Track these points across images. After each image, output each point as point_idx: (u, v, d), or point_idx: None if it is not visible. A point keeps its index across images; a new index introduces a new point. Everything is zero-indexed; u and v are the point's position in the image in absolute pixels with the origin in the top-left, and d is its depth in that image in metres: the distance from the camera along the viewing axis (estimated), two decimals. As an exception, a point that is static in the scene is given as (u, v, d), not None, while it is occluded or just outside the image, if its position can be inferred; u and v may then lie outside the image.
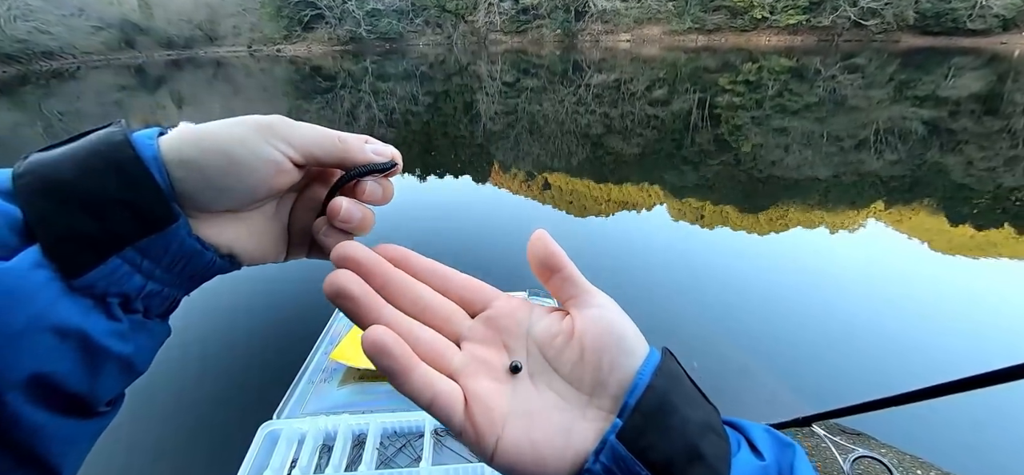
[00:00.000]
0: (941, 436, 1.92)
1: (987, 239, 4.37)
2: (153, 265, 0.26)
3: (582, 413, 0.26)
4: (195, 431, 2.08)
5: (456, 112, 12.11)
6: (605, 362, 0.25)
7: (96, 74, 26.12)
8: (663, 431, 0.23)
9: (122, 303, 0.25)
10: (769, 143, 7.98)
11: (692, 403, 0.25)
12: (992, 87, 12.97)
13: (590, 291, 0.28)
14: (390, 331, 0.25)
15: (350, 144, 0.30)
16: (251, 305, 3.00)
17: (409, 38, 41.10)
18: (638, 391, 0.24)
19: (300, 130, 0.28)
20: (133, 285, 0.25)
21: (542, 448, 0.25)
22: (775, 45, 30.62)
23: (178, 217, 0.25)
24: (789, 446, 0.27)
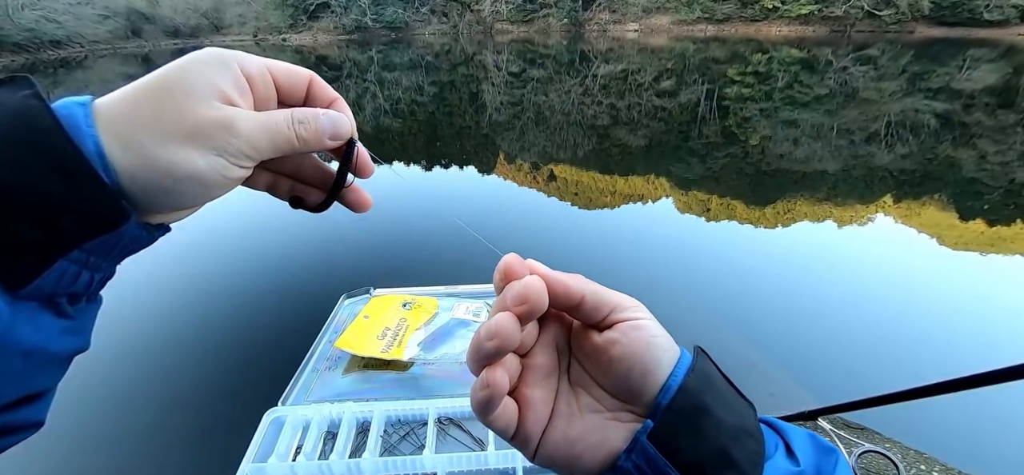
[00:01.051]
0: (946, 431, 1.90)
1: (998, 234, 4.31)
2: (100, 259, 0.25)
3: (616, 415, 0.27)
4: (201, 418, 2.12)
5: (462, 102, 12.06)
6: (636, 372, 0.26)
7: (103, 63, 26.26)
8: (694, 433, 0.24)
9: (70, 299, 0.25)
10: (778, 136, 7.88)
11: (726, 404, 0.26)
12: (1008, 80, 12.69)
13: (619, 305, 0.27)
14: (501, 382, 0.25)
15: (308, 142, 0.29)
16: (256, 293, 3.02)
17: (415, 27, 40.86)
18: (670, 393, 0.25)
19: (255, 138, 0.27)
20: (81, 283, 0.25)
21: (577, 445, 0.27)
22: (786, 35, 30.10)
23: (129, 217, 0.24)
24: (830, 452, 0.26)
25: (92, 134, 0.23)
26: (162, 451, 1.95)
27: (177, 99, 0.25)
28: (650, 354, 0.26)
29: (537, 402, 0.27)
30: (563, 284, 0.27)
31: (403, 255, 3.54)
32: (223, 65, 0.26)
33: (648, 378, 0.25)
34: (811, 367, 2.45)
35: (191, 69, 0.25)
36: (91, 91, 1.02)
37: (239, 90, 0.27)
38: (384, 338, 1.16)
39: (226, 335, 2.68)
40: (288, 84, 0.30)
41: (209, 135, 0.25)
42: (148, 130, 0.24)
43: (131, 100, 0.24)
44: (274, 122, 0.28)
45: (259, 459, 0.86)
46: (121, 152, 0.23)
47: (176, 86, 0.25)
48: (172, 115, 0.24)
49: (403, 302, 1.30)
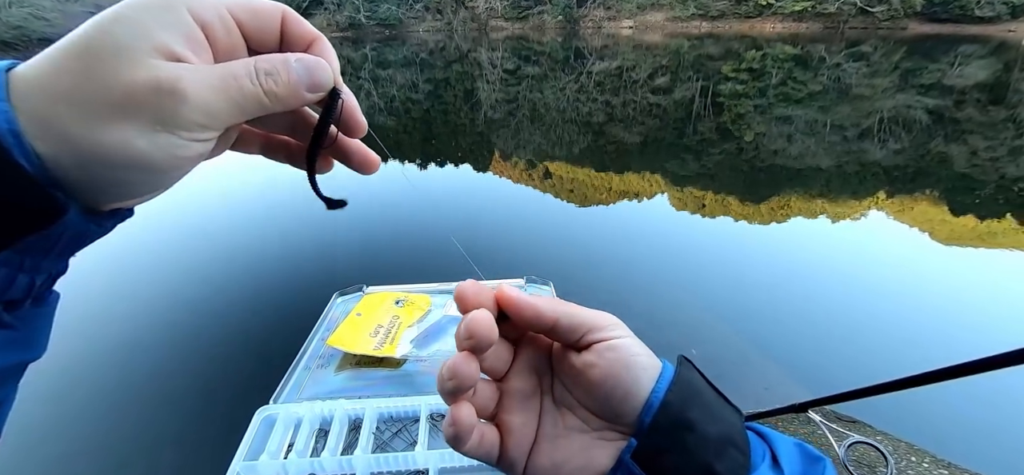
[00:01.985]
0: (935, 423, 1.93)
1: (989, 229, 4.35)
2: (37, 260, 0.21)
3: (602, 435, 0.26)
4: (192, 416, 2.10)
5: (456, 100, 12.02)
6: (617, 394, 0.25)
7: (94, 60, 25.90)
8: (678, 450, 0.24)
9: (7, 306, 0.21)
10: (772, 132, 7.92)
11: (710, 416, 0.25)
12: (999, 76, 12.81)
13: (595, 325, 0.26)
14: (466, 419, 0.25)
15: (282, 97, 0.22)
16: (248, 291, 3.01)
17: (409, 24, 40.64)
18: (652, 410, 0.25)
19: (211, 105, 0.20)
20: (18, 287, 0.20)
21: (564, 468, 0.26)
22: (780, 32, 30.21)
23: (66, 209, 0.19)
24: (818, 460, 0.26)
25: (4, 109, 0.18)
26: (152, 450, 1.94)
27: (103, 60, 0.19)
28: (629, 374, 0.25)
29: (517, 427, 0.27)
30: (533, 309, 0.26)
31: (396, 252, 3.52)
32: (166, 9, 0.20)
33: (629, 398, 0.25)
34: (804, 360, 2.47)
35: (123, 17, 0.19)
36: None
37: (189, 40, 0.20)
38: (377, 335, 1.15)
39: (217, 332, 2.66)
40: (255, 26, 0.23)
41: (145, 104, 0.19)
42: (68, 104, 0.18)
43: (52, 65, 0.19)
44: (233, 77, 0.21)
45: (250, 457, 0.86)
46: (42, 133, 0.18)
47: (103, 42, 0.19)
48: (96, 83, 0.18)
49: (396, 299, 1.29)
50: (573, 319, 0.26)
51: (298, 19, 0.25)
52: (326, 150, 0.27)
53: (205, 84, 0.20)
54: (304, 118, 0.28)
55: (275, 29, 0.24)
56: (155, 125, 0.19)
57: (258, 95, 0.22)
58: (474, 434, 0.25)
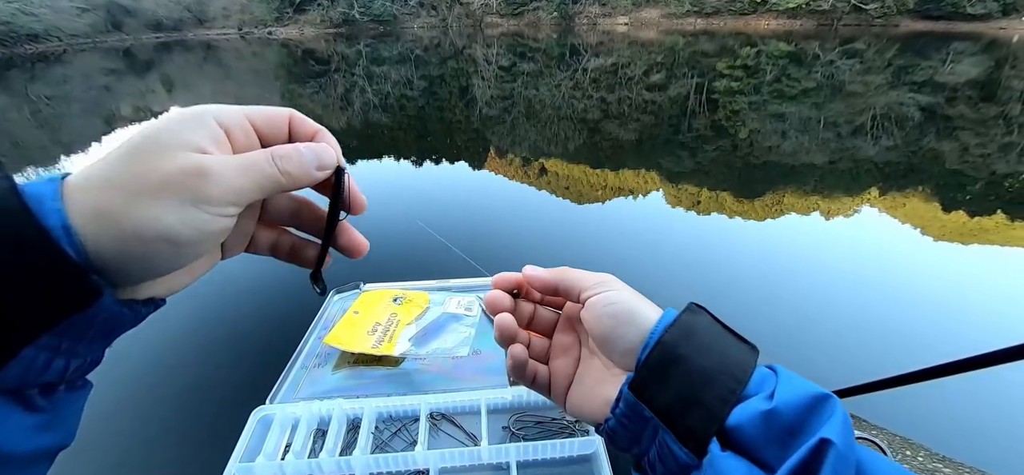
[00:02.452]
0: (930, 417, 1.95)
1: (980, 225, 4.40)
2: (74, 343, 0.23)
3: (612, 373, 0.33)
4: (187, 417, 2.08)
5: (451, 96, 11.97)
6: (614, 338, 0.32)
7: (83, 57, 25.56)
8: (664, 381, 0.28)
9: (42, 390, 0.23)
10: (766, 129, 7.95)
11: (704, 351, 0.28)
12: (990, 73, 12.94)
13: (584, 285, 0.34)
14: (520, 350, 0.36)
15: (294, 175, 0.27)
16: (243, 290, 2.98)
17: (403, 20, 40.42)
18: (648, 348, 0.29)
19: (234, 183, 0.24)
20: (54, 371, 0.22)
21: (588, 399, 0.34)
22: (774, 29, 30.33)
23: (102, 292, 0.22)
24: (824, 398, 0.26)
25: (57, 208, 0.21)
26: (145, 452, 1.92)
27: (146, 156, 0.23)
28: (614, 321, 0.32)
29: (559, 370, 0.37)
30: (540, 278, 0.36)
31: (394, 249, 3.51)
32: (196, 119, 0.25)
33: (617, 340, 0.32)
34: (799, 355, 2.49)
35: (162, 127, 0.24)
36: (71, 87, 0.98)
37: (215, 141, 0.25)
38: (375, 333, 1.14)
39: (212, 331, 2.63)
40: (268, 127, 0.28)
41: (179, 185, 0.23)
42: (115, 193, 0.22)
43: (101, 168, 0.23)
44: (253, 161, 0.25)
45: (246, 459, 0.85)
46: (89, 223, 0.21)
47: (145, 144, 0.23)
48: (139, 172, 0.22)
49: (394, 297, 1.28)
50: (569, 281, 0.35)
51: (302, 118, 0.30)
52: (330, 227, 0.32)
53: (229, 166, 0.24)
54: (308, 208, 0.34)
55: (284, 128, 0.29)
56: (185, 203, 0.23)
57: (275, 174, 0.26)
58: (529, 368, 0.36)
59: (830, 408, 0.25)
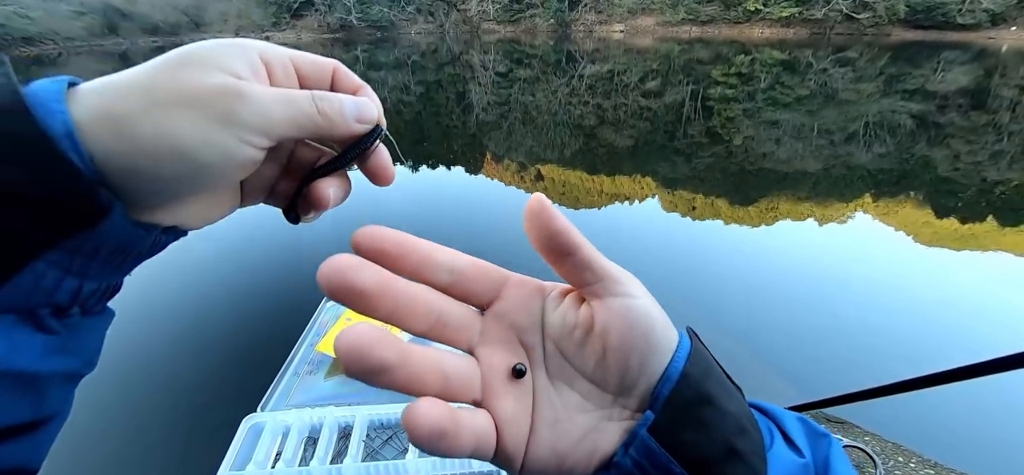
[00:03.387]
0: (922, 424, 1.96)
1: (971, 232, 4.45)
2: (86, 263, 0.21)
3: (608, 414, 0.23)
4: (178, 424, 2.06)
5: (448, 102, 12.00)
6: (634, 362, 0.22)
7: (78, 60, 25.45)
8: (699, 426, 0.21)
9: (54, 311, 0.21)
10: (760, 136, 8.02)
11: (727, 392, 0.23)
12: (980, 81, 13.14)
13: (613, 276, 0.24)
14: (437, 410, 0.20)
15: (333, 119, 0.25)
16: (236, 295, 2.96)
17: (401, 26, 40.56)
18: (671, 382, 0.22)
19: (271, 109, 0.22)
20: (65, 291, 0.21)
21: (568, 459, 0.22)
22: (768, 37, 30.68)
23: (111, 208, 0.20)
24: (823, 437, 0.25)
25: (61, 109, 0.19)
26: (133, 459, 1.90)
27: (178, 68, 0.21)
28: (650, 338, 0.22)
29: (509, 413, 0.22)
30: (563, 223, 0.23)
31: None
32: (239, 46, 0.23)
33: (647, 365, 0.22)
34: (792, 361, 2.50)
35: (201, 47, 0.22)
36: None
37: (254, 71, 0.23)
38: (367, 341, 1.14)
39: (203, 337, 2.61)
40: (312, 72, 0.27)
41: (210, 102, 0.21)
42: (136, 99, 0.20)
43: (125, 75, 0.21)
44: (293, 96, 0.24)
45: (237, 467, 0.84)
46: (99, 128, 0.19)
47: (179, 57, 0.22)
48: (167, 82, 0.21)
49: (387, 304, 1.28)
50: (592, 257, 0.23)
51: (348, 72, 0.28)
52: (343, 159, 0.28)
53: (268, 94, 0.23)
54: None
55: (327, 78, 0.27)
56: (212, 120, 0.21)
57: (313, 113, 0.24)
58: (466, 428, 0.20)
59: (837, 450, 0.24)
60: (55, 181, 0.18)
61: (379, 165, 0.28)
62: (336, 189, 0.28)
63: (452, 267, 0.25)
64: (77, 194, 0.19)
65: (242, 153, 0.22)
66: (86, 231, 0.20)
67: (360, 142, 0.27)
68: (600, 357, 0.23)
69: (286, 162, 0.30)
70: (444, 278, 0.24)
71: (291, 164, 0.30)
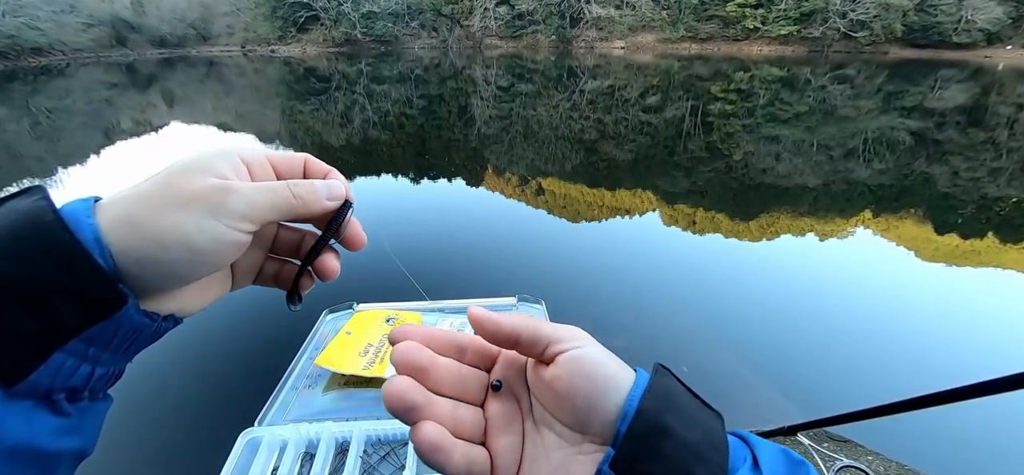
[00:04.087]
0: (926, 443, 1.94)
1: (971, 248, 4.45)
2: (100, 350, 0.25)
3: (579, 449, 0.26)
4: (174, 438, 2.04)
5: (450, 115, 12.11)
6: (580, 403, 0.26)
7: (86, 71, 25.77)
8: (655, 457, 0.24)
9: (69, 395, 0.24)
10: (760, 151, 8.07)
11: (687, 421, 0.25)
12: (977, 99, 13.26)
13: (560, 337, 0.28)
14: (436, 430, 0.26)
15: (306, 201, 0.29)
16: (235, 308, 2.95)
17: (404, 41, 41.12)
18: (627, 418, 0.24)
19: (253, 198, 0.27)
20: (80, 376, 0.24)
21: None
22: (766, 55, 31.05)
23: (127, 300, 0.24)
24: (800, 465, 0.26)
25: (90, 223, 0.23)
26: (130, 473, 1.87)
27: (176, 177, 0.26)
28: (593, 384, 0.26)
29: (503, 450, 0.27)
30: (494, 323, 0.28)
31: (387, 269, 3.50)
32: (222, 153, 0.28)
33: (595, 408, 0.26)
34: (792, 379, 2.48)
35: (193, 158, 0.27)
36: (72, 100, 0.99)
37: (236, 172, 0.28)
38: (366, 355, 1.14)
39: (201, 349, 2.60)
40: (284, 166, 0.31)
41: (203, 199, 0.25)
42: (146, 204, 0.25)
43: (135, 187, 0.26)
44: (271, 186, 0.28)
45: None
46: (117, 229, 0.24)
47: (177, 168, 0.26)
48: (168, 189, 0.25)
49: (387, 317, 1.28)
50: (535, 332, 0.28)
51: (317, 161, 0.33)
52: (321, 243, 0.33)
53: (250, 187, 0.27)
54: (313, 240, 0.35)
55: (299, 167, 0.32)
56: (205, 214, 0.25)
57: (289, 197, 0.29)
58: (460, 453, 0.26)
59: (805, 472, 0.26)
60: (83, 278, 0.22)
61: (351, 233, 0.33)
62: (335, 259, 0.34)
63: (460, 345, 0.31)
64: (100, 288, 0.23)
65: (231, 237, 0.26)
66: (104, 321, 0.23)
67: (336, 217, 0.32)
68: (557, 402, 0.27)
69: (271, 246, 0.35)
70: (454, 353, 0.30)
71: (275, 247, 0.35)
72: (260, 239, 0.34)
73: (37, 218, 0.22)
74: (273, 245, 0.35)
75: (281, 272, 0.35)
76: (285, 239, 0.35)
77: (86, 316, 0.23)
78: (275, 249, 0.35)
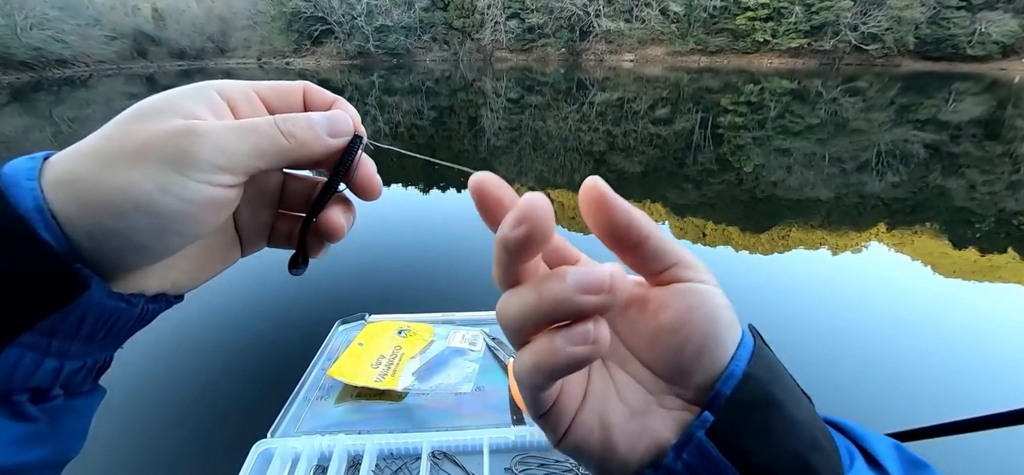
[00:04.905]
0: (954, 467, 1.87)
1: (991, 263, 4.34)
2: (66, 342, 0.20)
3: (660, 400, 0.21)
4: (187, 449, 2.05)
5: (461, 127, 12.23)
6: (691, 347, 0.20)
7: (108, 82, 26.57)
8: (764, 433, 0.19)
9: (34, 396, 0.20)
10: (771, 163, 8.01)
11: (797, 400, 0.21)
12: (993, 112, 13.04)
13: (684, 261, 0.21)
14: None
15: (301, 139, 0.23)
16: (248, 317, 2.98)
17: (416, 54, 41.82)
18: (733, 380, 0.20)
19: (226, 142, 0.21)
20: (44, 373, 0.20)
21: (614, 432, 0.21)
22: (777, 67, 30.96)
23: (89, 283, 0.19)
24: (921, 466, 0.22)
25: (31, 186, 0.18)
26: (144, 481, 1.89)
27: (129, 123, 0.20)
28: (711, 327, 0.20)
29: (568, 386, 0.22)
30: (627, 210, 0.20)
31: (400, 280, 3.51)
32: (197, 90, 0.22)
33: (705, 356, 0.20)
34: (813, 395, 2.42)
35: (159, 97, 0.21)
36: (93, 110, 1.01)
37: (213, 109, 0.22)
38: (378, 366, 1.14)
39: (214, 360, 2.62)
40: (277, 100, 0.25)
41: (160, 147, 0.19)
42: (89, 160, 0.19)
43: (86, 140, 0.20)
44: (252, 124, 0.22)
45: (246, 494, 0.84)
46: (60, 196, 0.19)
47: (135, 112, 0.21)
48: (118, 137, 0.20)
49: (399, 329, 1.28)
50: (663, 242, 0.21)
51: (319, 90, 0.26)
52: (326, 192, 0.27)
53: (223, 127, 0.21)
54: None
55: (297, 101, 0.26)
56: (164, 166, 0.19)
57: (277, 137, 0.22)
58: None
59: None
60: (24, 260, 0.17)
61: (363, 177, 0.26)
62: (344, 214, 0.27)
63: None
64: (49, 272, 0.18)
65: (204, 194, 0.20)
66: (62, 310, 0.19)
67: (343, 158, 0.25)
68: (652, 340, 0.22)
69: (278, 200, 0.29)
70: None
71: (284, 201, 0.29)
72: (261, 193, 0.27)
73: None
74: (281, 199, 0.29)
75: (295, 231, 0.29)
76: (294, 191, 0.29)
77: (37, 305, 0.18)
78: (284, 204, 0.29)
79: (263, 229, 0.28)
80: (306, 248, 0.28)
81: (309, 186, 0.28)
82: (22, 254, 0.17)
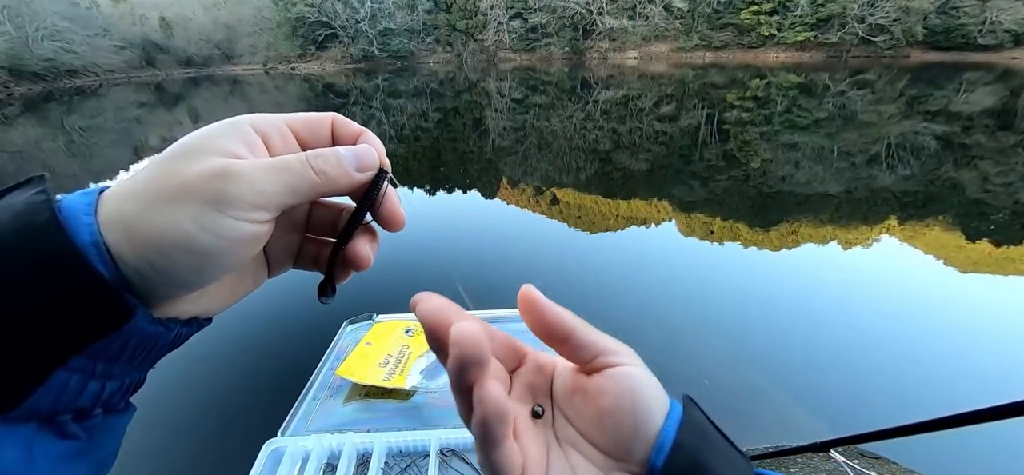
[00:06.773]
0: (962, 463, 1.84)
1: (1006, 255, 4.26)
2: (109, 365, 0.22)
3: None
4: (199, 447, 2.08)
5: (465, 128, 12.26)
6: (626, 426, 0.23)
7: (117, 91, 27.00)
8: None
9: (76, 415, 0.21)
10: (779, 158, 7.93)
11: (725, 460, 0.23)
12: (1006, 102, 12.80)
13: (610, 349, 0.24)
14: (502, 391, 0.21)
15: (330, 175, 0.24)
16: (258, 319, 3.01)
17: (420, 56, 41.97)
18: (664, 451, 0.22)
19: (261, 182, 0.22)
20: (88, 395, 0.21)
21: None
22: (783, 61, 30.64)
23: (135, 311, 0.20)
24: None
25: (89, 222, 0.20)
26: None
27: (172, 162, 0.22)
28: (640, 406, 0.23)
29: (534, 455, 0.23)
30: (555, 312, 0.24)
31: (407, 280, 3.53)
32: (231, 126, 0.24)
33: (640, 432, 0.23)
34: (818, 392, 2.39)
35: (196, 135, 0.23)
36: (103, 119, 1.03)
37: (248, 146, 0.23)
38: (386, 365, 1.14)
39: (225, 361, 2.65)
40: (308, 132, 0.26)
41: (199, 190, 0.21)
42: (135, 201, 0.21)
43: (135, 177, 0.22)
44: (284, 163, 0.23)
45: (257, 492, 0.84)
46: (112, 234, 0.20)
47: (175, 151, 0.22)
48: (159, 179, 0.21)
49: (406, 328, 1.29)
50: (587, 336, 0.24)
51: (346, 121, 0.28)
52: (352, 225, 0.28)
53: (257, 167, 0.22)
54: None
55: (326, 132, 0.27)
56: (205, 207, 0.21)
57: (309, 175, 0.24)
58: (510, 446, 0.21)
59: None
60: (82, 292, 0.19)
61: (388, 210, 0.28)
62: (370, 244, 0.29)
63: (490, 335, 0.26)
64: (102, 302, 0.19)
65: (241, 231, 0.22)
66: (110, 336, 0.20)
67: (369, 191, 0.26)
68: (597, 420, 0.24)
69: (305, 226, 0.30)
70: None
71: (311, 226, 0.30)
72: (290, 220, 0.29)
73: (30, 219, 0.19)
74: (308, 224, 0.30)
75: (322, 254, 0.30)
76: (320, 217, 0.30)
77: (88, 332, 0.20)
78: (311, 229, 0.30)
79: (290, 253, 0.30)
80: (334, 277, 0.30)
81: (335, 212, 0.30)
82: (78, 285, 0.19)
